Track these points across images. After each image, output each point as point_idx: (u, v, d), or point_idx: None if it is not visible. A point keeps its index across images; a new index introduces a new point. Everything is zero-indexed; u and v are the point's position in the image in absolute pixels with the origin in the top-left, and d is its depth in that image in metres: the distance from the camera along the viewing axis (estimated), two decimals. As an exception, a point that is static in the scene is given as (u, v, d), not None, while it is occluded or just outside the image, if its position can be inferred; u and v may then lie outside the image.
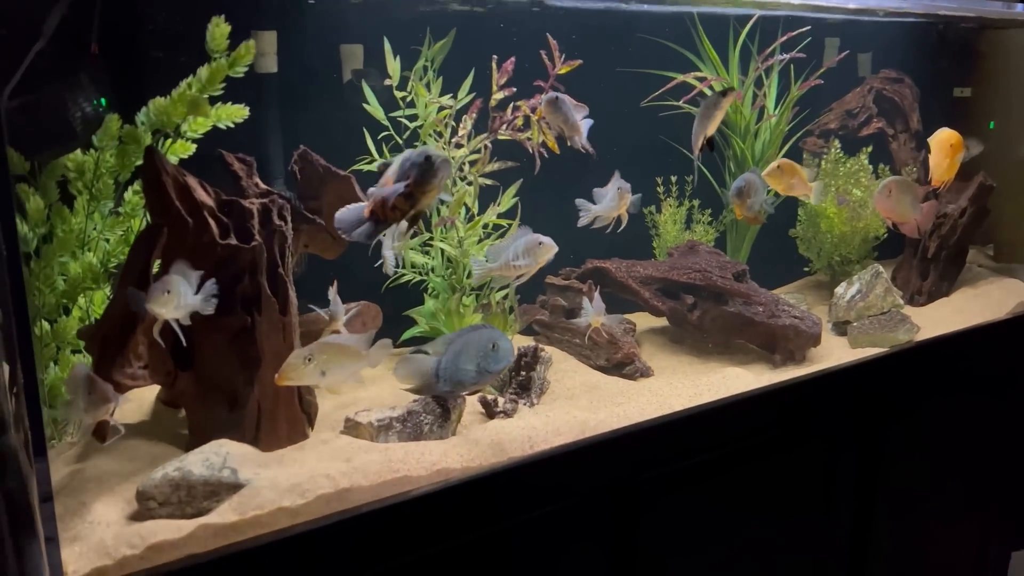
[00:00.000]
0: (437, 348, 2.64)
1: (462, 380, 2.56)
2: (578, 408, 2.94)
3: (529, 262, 2.97)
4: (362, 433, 2.52)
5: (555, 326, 4.16)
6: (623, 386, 3.25)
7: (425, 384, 2.58)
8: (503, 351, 2.58)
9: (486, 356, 2.56)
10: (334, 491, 2.22)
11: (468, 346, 2.62)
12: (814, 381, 3.24)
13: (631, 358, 3.46)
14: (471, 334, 2.57)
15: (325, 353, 2.13)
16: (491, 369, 2.58)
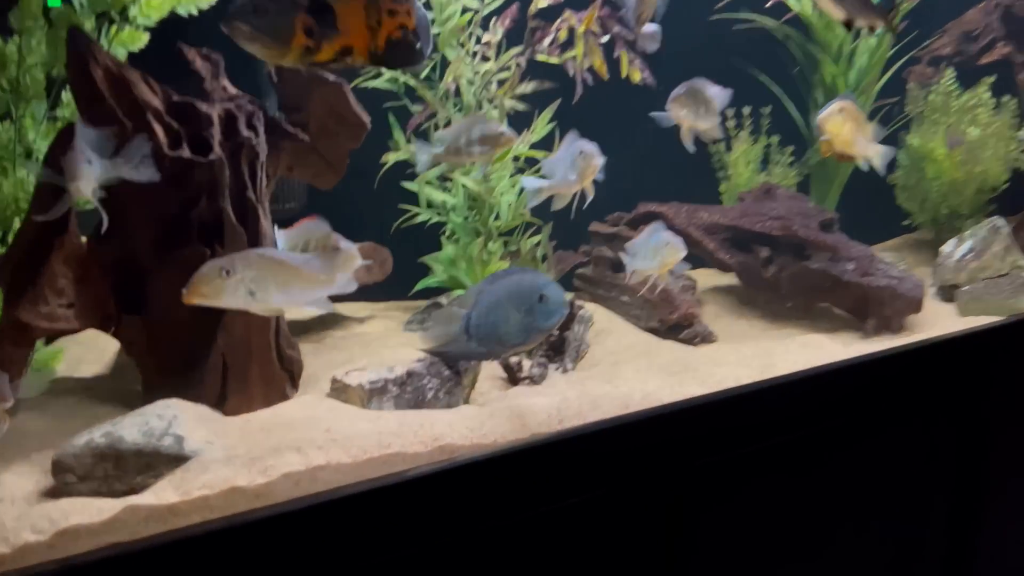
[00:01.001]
0: (465, 299, 2.18)
1: (502, 339, 2.07)
2: (622, 377, 2.64)
3: (582, 167, 2.50)
4: (351, 397, 2.28)
5: (599, 281, 3.74)
6: (679, 353, 2.96)
7: (452, 344, 2.14)
8: (553, 302, 2.07)
9: (532, 309, 2.05)
10: (305, 469, 1.93)
11: (508, 296, 2.11)
12: (914, 354, 2.85)
13: (690, 320, 3.13)
14: (509, 280, 2.09)
15: (253, 268, 1.64)
16: (540, 325, 2.08)
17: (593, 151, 2.55)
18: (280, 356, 2.30)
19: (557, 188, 2.63)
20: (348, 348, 2.97)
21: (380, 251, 3.30)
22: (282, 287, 1.87)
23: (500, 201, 3.33)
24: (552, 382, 2.62)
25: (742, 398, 2.48)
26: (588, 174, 2.50)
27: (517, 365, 2.63)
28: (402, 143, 3.29)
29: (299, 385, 2.49)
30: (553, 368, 2.73)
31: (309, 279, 1.93)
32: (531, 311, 2.04)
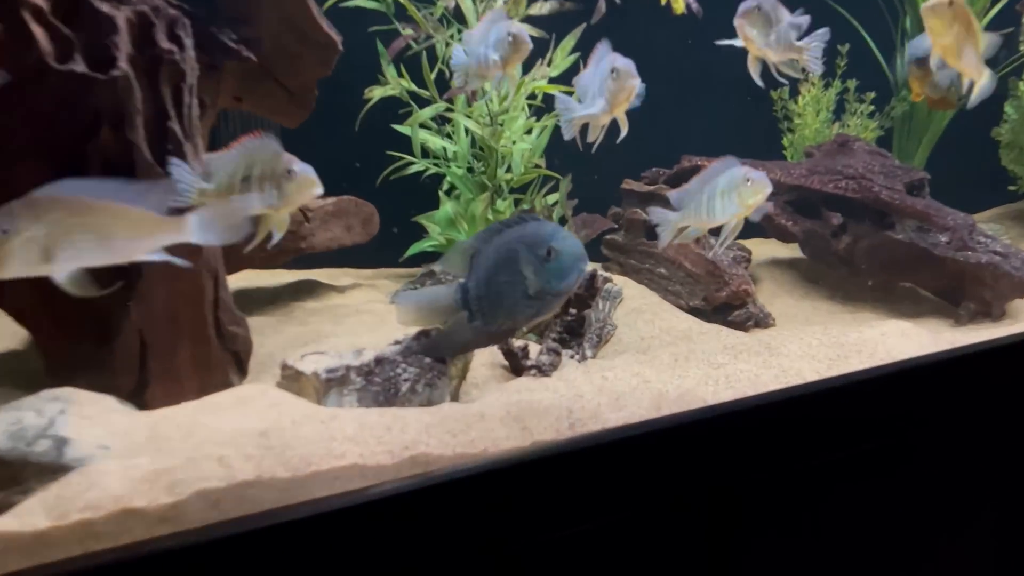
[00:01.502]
0: (452, 262, 1.88)
1: (511, 311, 1.77)
2: (654, 367, 2.33)
3: (614, 90, 2.05)
4: (304, 388, 2.06)
5: (631, 250, 3.36)
6: (728, 339, 2.58)
7: (447, 323, 1.86)
8: (567, 255, 1.72)
9: (540, 267, 1.72)
10: (226, 485, 1.59)
11: (510, 253, 1.77)
12: (1021, 348, 2.42)
13: (742, 299, 2.83)
14: (508, 234, 1.78)
15: (46, 217, 1.18)
16: (551, 288, 1.74)
17: (628, 68, 2.06)
18: (220, 333, 2.07)
19: (588, 115, 2.15)
20: (318, 324, 2.56)
21: (363, 207, 2.88)
22: (101, 238, 1.40)
23: (512, 150, 2.86)
24: (565, 373, 2.32)
25: (805, 399, 2.15)
26: (621, 99, 2.01)
27: (522, 350, 2.19)
28: (392, 76, 2.82)
29: (248, 369, 2.09)
30: (568, 355, 2.30)
31: (127, 220, 1.45)
32: (539, 270, 1.72)
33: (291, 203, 1.73)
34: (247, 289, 3.01)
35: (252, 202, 1.69)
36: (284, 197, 1.73)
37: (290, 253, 2.79)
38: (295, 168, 1.71)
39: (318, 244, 2.85)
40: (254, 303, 2.85)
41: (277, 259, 2.84)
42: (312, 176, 1.72)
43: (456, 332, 1.93)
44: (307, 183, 1.71)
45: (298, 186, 1.71)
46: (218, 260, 2.10)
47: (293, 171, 1.71)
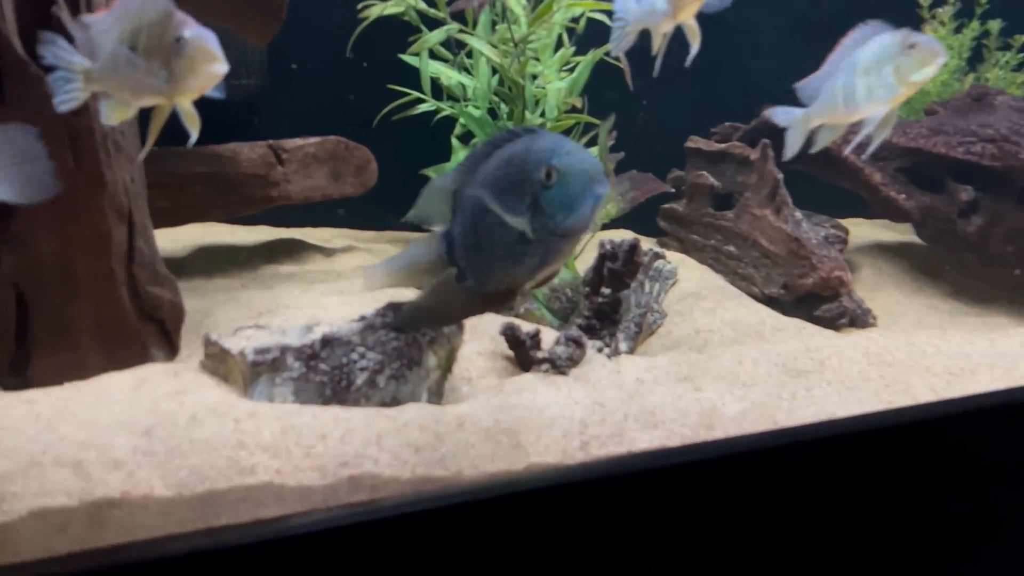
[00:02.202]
0: (429, 207, 1.58)
1: (507, 263, 1.50)
2: (709, 372, 2.01)
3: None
4: (231, 371, 1.69)
5: (695, 221, 3.02)
6: (812, 339, 2.24)
7: (430, 285, 1.63)
8: (573, 173, 1.40)
9: (538, 197, 1.42)
10: (78, 505, 1.27)
11: (497, 181, 1.48)
12: None
13: (834, 288, 2.44)
14: (496, 157, 1.49)
15: None
16: (557, 225, 1.42)
17: None
18: (136, 294, 1.81)
19: (643, 21, 1.78)
20: (285, 291, 2.22)
21: (355, 152, 2.52)
22: None
23: (545, 91, 2.43)
24: (588, 371, 1.96)
25: (916, 427, 1.80)
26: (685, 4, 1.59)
27: (532, 337, 1.77)
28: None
29: (179, 343, 1.96)
30: (594, 348, 1.88)
31: None
32: (537, 201, 1.42)
33: (183, 86, 1.32)
34: (211, 245, 2.70)
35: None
36: (173, 78, 1.31)
37: (257, 203, 2.44)
38: (184, 34, 1.29)
39: (295, 193, 2.48)
40: (216, 262, 2.53)
41: (239, 209, 2.48)
42: (209, 45, 1.31)
43: (441, 295, 1.64)
44: (200, 55, 1.31)
45: (189, 61, 1.31)
46: (136, 200, 1.72)
47: (182, 39, 1.28)
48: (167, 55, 1.30)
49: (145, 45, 1.32)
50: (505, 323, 2.02)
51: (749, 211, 2.71)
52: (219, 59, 1.30)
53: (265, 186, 2.45)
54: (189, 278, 2.41)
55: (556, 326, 2.29)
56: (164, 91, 1.33)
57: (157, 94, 1.34)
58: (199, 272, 2.45)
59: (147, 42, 1.32)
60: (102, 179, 1.62)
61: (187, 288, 2.44)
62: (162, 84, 1.32)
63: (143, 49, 1.32)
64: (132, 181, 1.73)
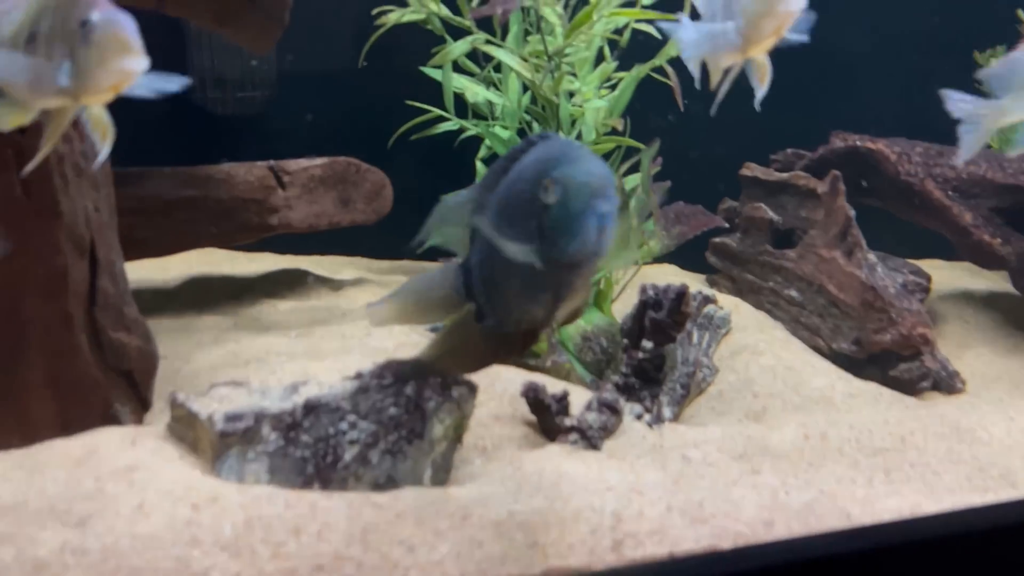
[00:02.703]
0: (447, 230, 1.42)
1: (522, 297, 1.34)
2: (767, 451, 1.82)
3: (757, 10, 1.38)
4: (200, 439, 1.49)
5: (750, 259, 2.80)
6: (891, 409, 2.09)
7: (447, 324, 1.47)
8: (574, 188, 1.21)
9: (538, 218, 1.24)
10: None
11: (509, 199, 1.32)
12: None
13: (915, 346, 2.23)
14: (517, 169, 1.33)
15: None
16: (555, 252, 1.24)
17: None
18: (98, 342, 1.62)
19: (702, 50, 1.51)
20: (279, 334, 2.06)
21: (367, 175, 2.36)
22: None
23: (582, 108, 2.22)
24: (624, 444, 1.76)
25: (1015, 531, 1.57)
26: (768, 27, 1.38)
27: (558, 401, 1.56)
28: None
29: (151, 396, 1.79)
30: (633, 414, 1.68)
31: None
32: (538, 223, 1.26)
33: (90, 84, 1.08)
34: (205, 276, 2.54)
35: None
36: (78, 73, 1.08)
37: (254, 231, 2.25)
38: (92, 18, 1.06)
39: (297, 221, 2.30)
40: (208, 295, 2.38)
41: (233, 238, 2.31)
42: (123, 32, 1.06)
43: (459, 337, 1.46)
44: (111, 45, 1.07)
45: (97, 52, 1.07)
46: (101, 231, 1.54)
47: (88, 23, 1.05)
48: (71, 44, 1.07)
49: (47, 32, 1.09)
50: (527, 382, 1.80)
51: (815, 251, 2.47)
52: (135, 50, 1.07)
53: (263, 212, 2.27)
54: (176, 314, 2.25)
55: (589, 382, 2.07)
56: (67, 90, 1.09)
57: (58, 94, 1.10)
58: (188, 306, 2.28)
59: (49, 28, 1.09)
60: (57, 208, 1.45)
61: (171, 327, 2.30)
62: (64, 81, 1.08)
63: (44, 37, 1.09)
64: (96, 210, 1.56)
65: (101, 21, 1.06)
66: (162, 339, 2.17)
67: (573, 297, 1.35)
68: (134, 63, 1.07)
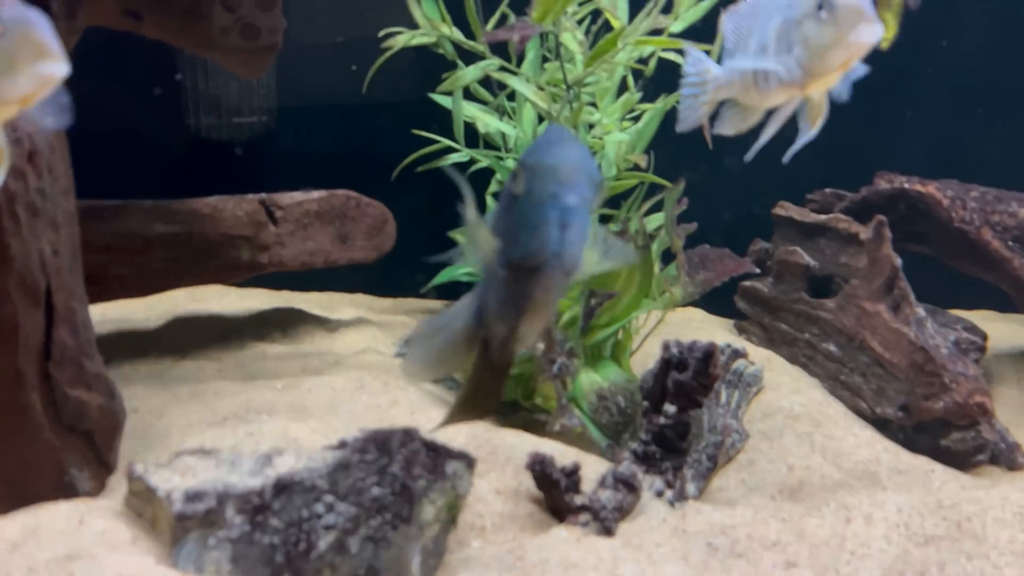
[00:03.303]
0: (474, 244, 1.22)
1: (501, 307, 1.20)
2: (804, 538, 1.63)
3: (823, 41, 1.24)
4: (158, 517, 1.34)
5: (784, 308, 2.63)
6: (945, 489, 1.87)
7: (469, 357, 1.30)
8: (540, 174, 1.07)
9: (509, 210, 1.14)
10: None
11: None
12: None
13: (972, 415, 2.02)
14: None
15: None
16: (515, 249, 1.12)
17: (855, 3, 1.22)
18: (53, 401, 1.48)
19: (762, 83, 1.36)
20: (264, 384, 1.92)
21: (368, 209, 2.21)
22: None
23: (602, 141, 2.09)
24: (642, 527, 1.59)
25: None
26: (835, 60, 1.23)
27: (568, 476, 1.42)
28: (427, 13, 2.09)
29: (115, 459, 1.64)
30: (653, 490, 1.53)
31: None
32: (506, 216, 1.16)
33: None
34: (190, 315, 2.41)
35: None
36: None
37: (242, 270, 2.11)
38: (3, 15, 0.92)
39: (289, 259, 2.17)
40: (193, 337, 2.25)
41: (220, 277, 2.18)
42: (37, 32, 0.92)
43: (479, 378, 1.32)
44: (24, 48, 0.93)
45: (4, 56, 0.93)
46: (59, 276, 1.41)
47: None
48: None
49: None
50: (533, 453, 1.64)
51: (857, 303, 2.29)
52: (53, 54, 0.92)
53: (253, 250, 2.12)
54: (155, 359, 2.11)
55: (604, 448, 1.90)
56: None
57: None
58: (169, 350, 2.14)
59: None
60: (6, 252, 1.32)
61: (147, 375, 2.17)
62: None
63: None
64: (55, 253, 1.43)
65: (12, 20, 0.92)
66: (135, 389, 2.04)
67: (533, 313, 1.17)
68: (52, 68, 0.93)
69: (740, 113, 1.49)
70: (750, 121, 1.49)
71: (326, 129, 2.41)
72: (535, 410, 2.22)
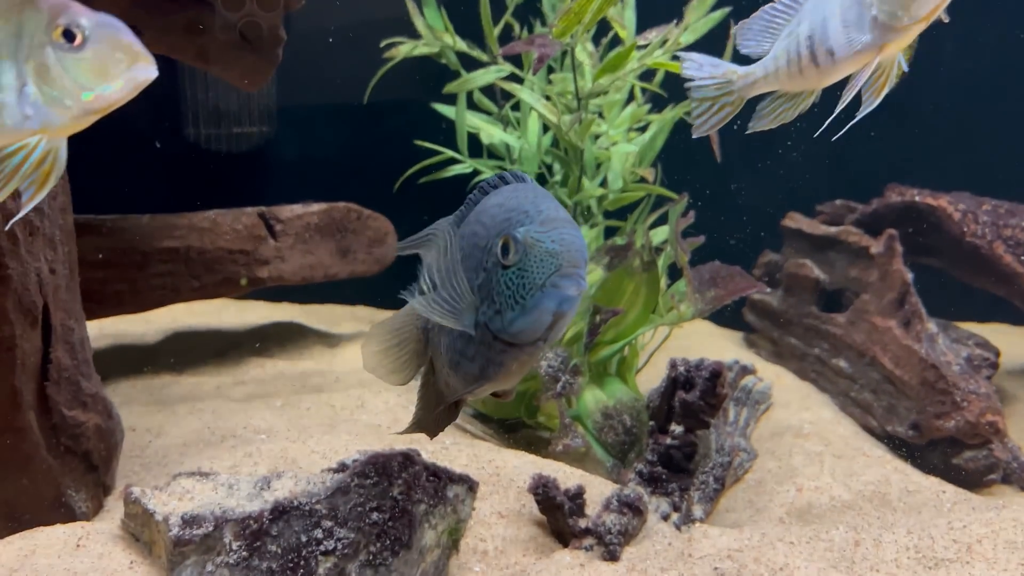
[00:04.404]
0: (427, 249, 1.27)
1: (450, 360, 1.17)
2: (812, 560, 1.59)
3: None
4: (155, 539, 1.36)
5: (792, 320, 2.63)
6: (956, 511, 1.83)
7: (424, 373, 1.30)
8: (540, 256, 1.05)
9: (489, 280, 1.09)
10: None
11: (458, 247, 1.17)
12: None
13: (984, 434, 2.02)
14: (479, 210, 1.19)
15: None
16: (505, 326, 1.08)
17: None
18: (50, 422, 1.47)
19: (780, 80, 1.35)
20: (263, 403, 1.90)
21: (369, 222, 2.19)
22: None
23: (609, 153, 2.07)
24: (648, 550, 1.58)
25: None
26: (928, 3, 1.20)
27: (573, 499, 1.40)
28: (430, 22, 2.09)
29: (112, 479, 1.67)
30: (659, 514, 1.51)
31: None
32: (488, 284, 1.10)
33: (72, 107, 0.90)
34: (189, 330, 2.38)
35: None
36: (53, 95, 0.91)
37: (234, 287, 2.09)
38: (81, 22, 0.90)
39: (289, 273, 2.14)
40: (191, 353, 2.23)
41: (218, 292, 2.16)
42: (127, 38, 0.91)
43: (428, 393, 1.30)
44: (119, 53, 0.90)
45: (98, 62, 0.91)
46: (56, 295, 1.41)
47: (76, 27, 0.89)
48: (36, 59, 0.89)
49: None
50: (537, 475, 1.63)
51: (867, 319, 2.27)
52: (144, 56, 0.91)
53: (251, 264, 2.11)
54: (153, 375, 2.10)
55: (609, 467, 1.88)
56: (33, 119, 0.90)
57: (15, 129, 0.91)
58: (167, 366, 2.14)
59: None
60: (3, 272, 1.32)
61: (145, 391, 2.15)
62: (29, 110, 0.91)
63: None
64: (52, 272, 1.43)
65: (94, 26, 0.89)
66: (133, 407, 2.03)
67: (502, 379, 1.14)
68: (147, 71, 0.90)
69: (787, 103, 1.45)
70: (800, 108, 1.45)
71: (327, 139, 2.40)
72: (538, 428, 2.21)
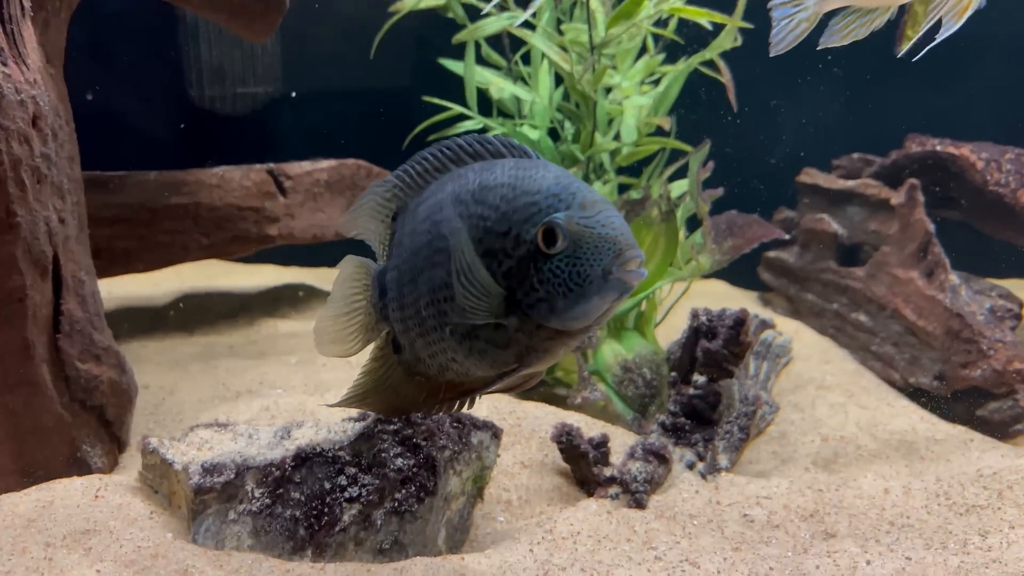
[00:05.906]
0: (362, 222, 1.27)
1: (464, 345, 1.11)
2: (842, 508, 1.59)
3: None
4: (174, 490, 1.33)
5: (811, 278, 2.61)
6: (985, 458, 1.82)
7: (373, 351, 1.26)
8: (591, 240, 1.00)
9: (534, 266, 1.03)
10: None
11: (475, 218, 1.08)
12: None
13: (1011, 383, 1.98)
14: (466, 177, 1.12)
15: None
16: (558, 315, 1.02)
17: None
18: (63, 375, 1.46)
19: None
20: (277, 360, 1.88)
21: (379, 179, 2.07)
22: None
23: (622, 107, 2.04)
24: (676, 498, 1.57)
25: None
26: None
27: (597, 447, 1.38)
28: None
29: (127, 434, 1.67)
30: (684, 463, 1.48)
31: None
32: (521, 274, 1.05)
33: None
34: (199, 291, 2.37)
35: None
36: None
37: (251, 243, 2.07)
38: None
39: (300, 231, 2.12)
40: (202, 314, 2.21)
41: (227, 250, 2.13)
42: None
43: (379, 372, 1.28)
44: None
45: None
46: (66, 246, 1.38)
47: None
48: None
49: None
50: (559, 424, 1.61)
51: (888, 271, 2.24)
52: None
53: (261, 222, 2.09)
54: (164, 336, 2.09)
55: (629, 420, 1.87)
56: None
57: None
58: (178, 327, 2.12)
59: None
60: (12, 219, 1.29)
61: (156, 351, 2.14)
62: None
63: None
64: (62, 222, 1.40)
65: None
66: (145, 366, 2.02)
67: (545, 363, 1.10)
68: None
69: (862, 18, 1.42)
70: (873, 26, 1.42)
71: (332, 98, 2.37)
72: (555, 384, 2.19)
